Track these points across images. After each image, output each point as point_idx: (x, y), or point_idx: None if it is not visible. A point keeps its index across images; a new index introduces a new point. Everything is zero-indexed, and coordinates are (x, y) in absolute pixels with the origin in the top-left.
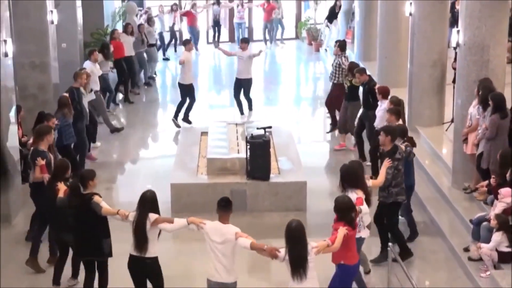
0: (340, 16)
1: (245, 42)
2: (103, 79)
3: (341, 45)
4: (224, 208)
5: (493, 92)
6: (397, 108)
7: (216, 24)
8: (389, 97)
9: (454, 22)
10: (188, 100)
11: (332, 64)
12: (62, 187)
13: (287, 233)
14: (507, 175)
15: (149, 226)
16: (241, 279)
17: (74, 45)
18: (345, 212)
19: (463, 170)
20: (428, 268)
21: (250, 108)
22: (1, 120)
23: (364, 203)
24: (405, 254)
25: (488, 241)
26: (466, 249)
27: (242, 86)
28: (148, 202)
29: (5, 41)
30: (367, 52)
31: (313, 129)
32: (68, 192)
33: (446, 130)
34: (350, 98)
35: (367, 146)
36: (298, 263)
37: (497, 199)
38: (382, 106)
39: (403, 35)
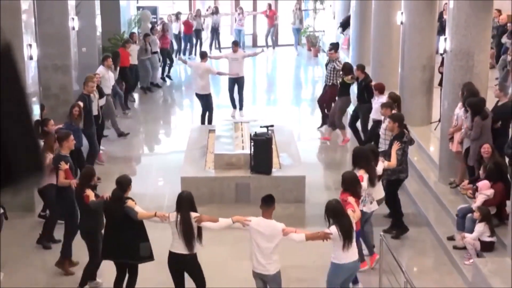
0: (336, 24)
1: (236, 44)
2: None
3: (335, 47)
4: (268, 204)
5: (469, 98)
6: (389, 102)
7: (215, 31)
8: (388, 93)
9: (441, 30)
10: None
11: (327, 68)
12: (90, 194)
13: (332, 212)
14: (480, 171)
15: (194, 224)
16: (246, 265)
17: (93, 49)
18: (349, 184)
19: (449, 166)
20: (416, 255)
21: (241, 107)
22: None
23: (365, 181)
24: (402, 230)
25: (471, 231)
26: (451, 238)
27: (237, 83)
28: (185, 201)
29: (30, 45)
30: (362, 58)
31: (312, 128)
32: (110, 199)
33: (435, 129)
34: (340, 94)
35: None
36: (348, 234)
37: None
38: (379, 100)
39: (394, 42)
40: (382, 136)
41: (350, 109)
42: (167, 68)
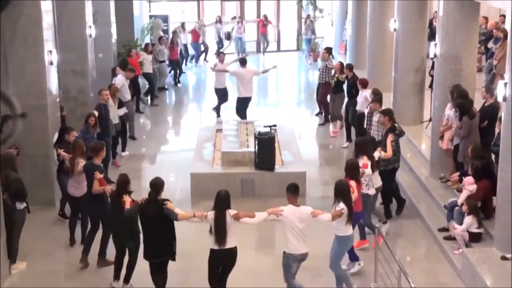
0: (334, 31)
1: (244, 62)
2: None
3: (329, 50)
4: (294, 192)
5: (458, 99)
6: (379, 97)
7: (220, 40)
8: (372, 88)
9: (432, 36)
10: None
11: (320, 68)
12: (127, 200)
13: (341, 191)
14: (468, 168)
15: (229, 221)
16: (252, 255)
17: (109, 55)
18: (351, 170)
19: (439, 163)
20: (409, 245)
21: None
22: (48, 118)
23: (369, 167)
24: (402, 203)
25: (460, 223)
26: (441, 230)
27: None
28: (223, 200)
29: (50, 51)
30: (357, 61)
31: (311, 127)
32: (146, 201)
33: (426, 128)
34: (336, 91)
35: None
36: (352, 211)
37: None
38: (362, 94)
39: (388, 47)
40: (374, 129)
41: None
42: (178, 75)
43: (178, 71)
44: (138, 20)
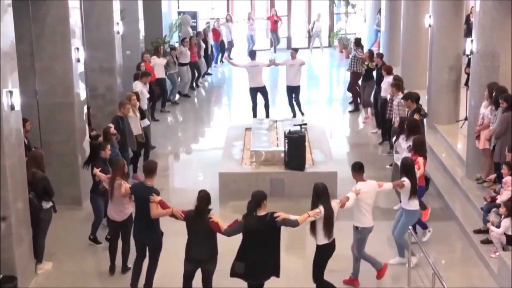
0: (367, 28)
1: (296, 50)
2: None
3: (356, 41)
4: (359, 170)
5: (505, 93)
6: (396, 82)
7: (231, 39)
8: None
9: (468, 32)
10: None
11: (350, 57)
12: (217, 219)
13: (407, 168)
14: (503, 170)
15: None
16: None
17: (137, 52)
18: (418, 147)
19: (476, 163)
20: (444, 248)
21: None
22: (75, 116)
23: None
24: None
25: (497, 225)
26: (477, 232)
27: (294, 91)
28: (325, 191)
29: (77, 49)
30: (392, 59)
31: (343, 126)
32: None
33: (461, 127)
34: (366, 79)
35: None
36: (416, 187)
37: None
38: (386, 80)
39: (423, 44)
40: (395, 113)
41: None
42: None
43: (196, 74)
44: (167, 17)
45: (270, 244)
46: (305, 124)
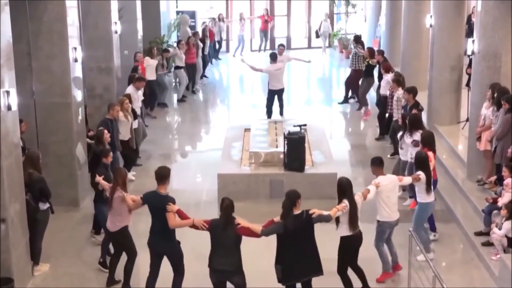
0: (367, 27)
1: (283, 46)
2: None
3: (356, 38)
4: (379, 165)
5: (506, 94)
6: (397, 77)
7: (221, 39)
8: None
9: (470, 32)
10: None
11: (351, 54)
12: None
13: (421, 162)
14: (504, 172)
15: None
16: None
17: (135, 52)
18: (429, 141)
19: (477, 164)
20: (444, 250)
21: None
22: (72, 116)
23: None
24: None
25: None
26: (478, 234)
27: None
28: (348, 186)
29: (75, 48)
30: (392, 59)
31: (343, 127)
32: (284, 216)
33: (462, 128)
34: (366, 75)
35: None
36: (430, 180)
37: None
38: (385, 78)
39: (423, 44)
40: (395, 107)
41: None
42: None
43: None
44: (165, 16)
45: (309, 241)
46: (305, 125)
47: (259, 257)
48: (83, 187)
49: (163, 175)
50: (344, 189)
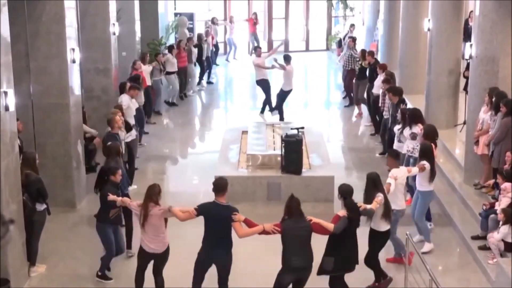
0: (365, 30)
1: (260, 48)
2: (139, 111)
3: (354, 39)
4: (396, 157)
5: (505, 98)
6: (386, 77)
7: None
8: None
9: (467, 36)
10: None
11: (345, 55)
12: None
13: (426, 152)
14: (498, 179)
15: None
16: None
17: (133, 54)
18: (430, 133)
19: (474, 168)
20: (441, 254)
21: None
22: (70, 117)
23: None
24: None
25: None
26: (475, 238)
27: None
28: (379, 180)
29: (73, 49)
30: (389, 62)
31: (341, 130)
32: (348, 212)
33: (460, 131)
34: (360, 78)
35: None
36: (434, 170)
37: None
38: (379, 77)
39: (421, 47)
40: (387, 105)
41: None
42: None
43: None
44: (163, 18)
45: (354, 235)
46: (303, 128)
47: (259, 258)
48: (80, 189)
49: (222, 186)
50: (376, 183)
